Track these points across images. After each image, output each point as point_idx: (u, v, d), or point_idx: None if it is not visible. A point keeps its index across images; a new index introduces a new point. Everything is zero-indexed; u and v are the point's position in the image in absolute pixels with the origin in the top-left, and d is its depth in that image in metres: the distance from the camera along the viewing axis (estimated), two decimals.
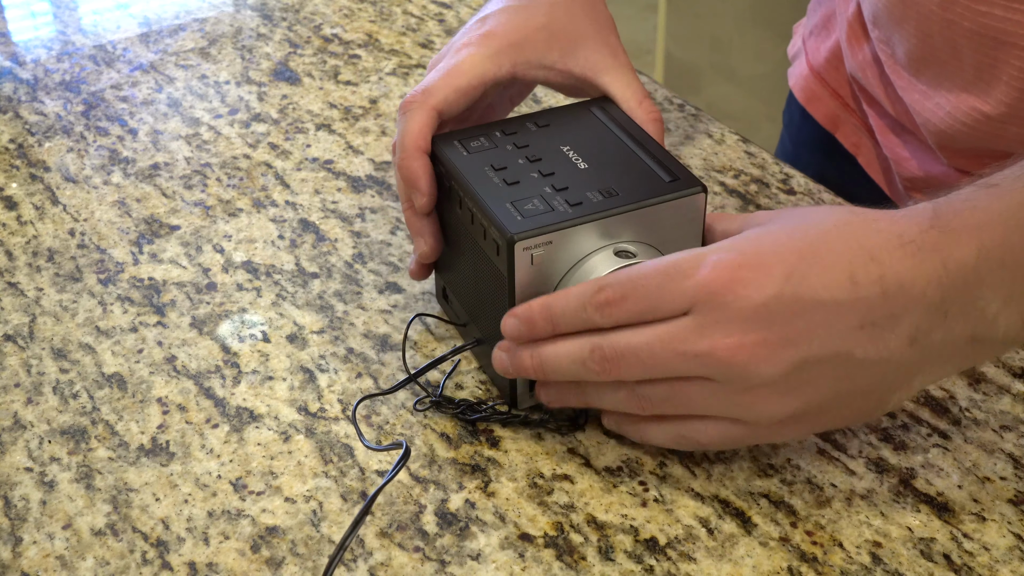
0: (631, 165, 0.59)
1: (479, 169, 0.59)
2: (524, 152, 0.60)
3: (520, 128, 0.62)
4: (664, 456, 0.58)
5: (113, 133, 0.83)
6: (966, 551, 0.54)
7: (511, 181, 0.58)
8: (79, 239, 0.73)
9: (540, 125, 0.63)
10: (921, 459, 0.58)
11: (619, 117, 0.64)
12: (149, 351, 0.64)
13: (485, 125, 0.63)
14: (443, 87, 0.63)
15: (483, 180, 0.58)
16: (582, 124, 0.63)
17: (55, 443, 0.59)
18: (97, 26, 0.97)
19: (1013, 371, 0.63)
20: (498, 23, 0.66)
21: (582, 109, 0.65)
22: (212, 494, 0.56)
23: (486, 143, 0.61)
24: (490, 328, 0.59)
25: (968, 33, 0.69)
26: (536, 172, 0.59)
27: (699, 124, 0.84)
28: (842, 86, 0.90)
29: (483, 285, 0.59)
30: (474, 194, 0.57)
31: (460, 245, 0.61)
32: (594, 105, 0.65)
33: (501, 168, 0.59)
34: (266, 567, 0.53)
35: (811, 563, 0.53)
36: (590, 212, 0.56)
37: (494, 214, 0.56)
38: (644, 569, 0.53)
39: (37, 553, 0.54)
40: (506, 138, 0.61)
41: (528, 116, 0.64)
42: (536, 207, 0.56)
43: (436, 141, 0.61)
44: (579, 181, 0.58)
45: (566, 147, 0.61)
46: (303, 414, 0.61)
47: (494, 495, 0.56)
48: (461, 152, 0.60)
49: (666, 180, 0.58)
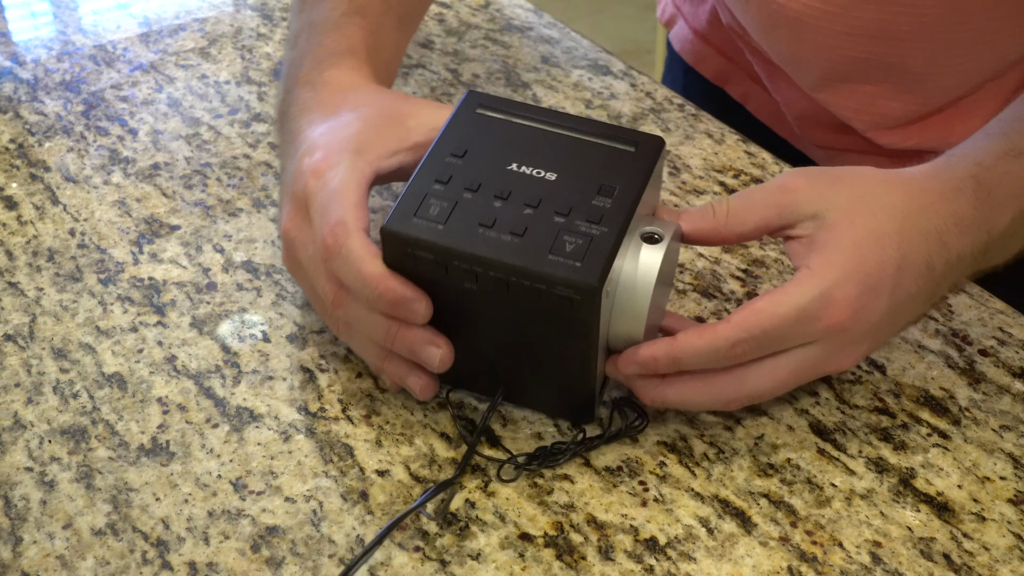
0: (589, 154, 0.57)
1: (473, 232, 0.54)
2: (487, 193, 0.55)
3: (445, 168, 0.56)
4: (664, 456, 0.58)
5: (113, 133, 0.83)
6: (966, 551, 0.54)
7: (518, 232, 0.53)
8: (79, 239, 0.73)
9: (458, 155, 0.57)
10: (921, 459, 0.58)
11: (508, 106, 0.59)
12: (149, 351, 0.64)
13: (411, 185, 0.56)
14: (347, 209, 0.56)
15: (490, 243, 0.53)
16: (495, 133, 0.58)
17: (55, 443, 0.59)
18: (97, 26, 0.97)
19: (1013, 371, 0.63)
20: (328, 141, 0.60)
21: (473, 118, 0.59)
22: (212, 494, 0.56)
23: (442, 203, 0.55)
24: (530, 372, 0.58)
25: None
26: (528, 209, 0.54)
27: (699, 124, 0.84)
28: (725, 42, 0.93)
29: (521, 346, 0.56)
30: (499, 262, 0.53)
31: (467, 324, 0.57)
32: (476, 106, 0.59)
33: (490, 223, 0.54)
34: (266, 567, 0.53)
35: (811, 563, 0.53)
36: (617, 219, 0.54)
37: (547, 272, 0.52)
38: (644, 569, 0.53)
39: (37, 553, 0.54)
40: (449, 186, 0.55)
41: (436, 152, 0.57)
42: (574, 243, 0.53)
43: (391, 236, 0.54)
44: (571, 195, 0.55)
45: (514, 165, 0.56)
46: (303, 414, 0.61)
47: (494, 495, 0.56)
48: (436, 227, 0.54)
49: (632, 150, 0.57)
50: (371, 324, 0.57)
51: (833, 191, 0.57)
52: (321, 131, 0.61)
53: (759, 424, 0.60)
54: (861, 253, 0.55)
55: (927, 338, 0.65)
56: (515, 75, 0.90)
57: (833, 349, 0.55)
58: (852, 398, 0.62)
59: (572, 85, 0.89)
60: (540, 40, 0.95)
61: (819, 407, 0.61)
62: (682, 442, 0.59)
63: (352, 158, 0.58)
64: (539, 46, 0.94)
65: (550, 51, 0.93)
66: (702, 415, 0.60)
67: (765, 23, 0.81)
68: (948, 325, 0.66)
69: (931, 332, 0.66)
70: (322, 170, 0.58)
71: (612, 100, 0.87)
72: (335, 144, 0.59)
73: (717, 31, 0.93)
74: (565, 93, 0.87)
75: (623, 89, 0.88)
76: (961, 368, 0.63)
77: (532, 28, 0.97)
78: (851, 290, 0.54)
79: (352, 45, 0.67)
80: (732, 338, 0.54)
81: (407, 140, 0.60)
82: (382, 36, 0.70)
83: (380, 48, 0.69)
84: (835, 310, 0.54)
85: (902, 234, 0.56)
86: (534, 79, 0.89)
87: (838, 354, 0.56)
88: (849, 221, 0.55)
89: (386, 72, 0.70)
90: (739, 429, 0.60)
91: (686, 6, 0.97)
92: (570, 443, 0.58)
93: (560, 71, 0.90)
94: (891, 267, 0.55)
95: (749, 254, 0.71)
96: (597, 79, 0.89)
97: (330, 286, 0.57)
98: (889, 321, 0.57)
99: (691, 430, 0.60)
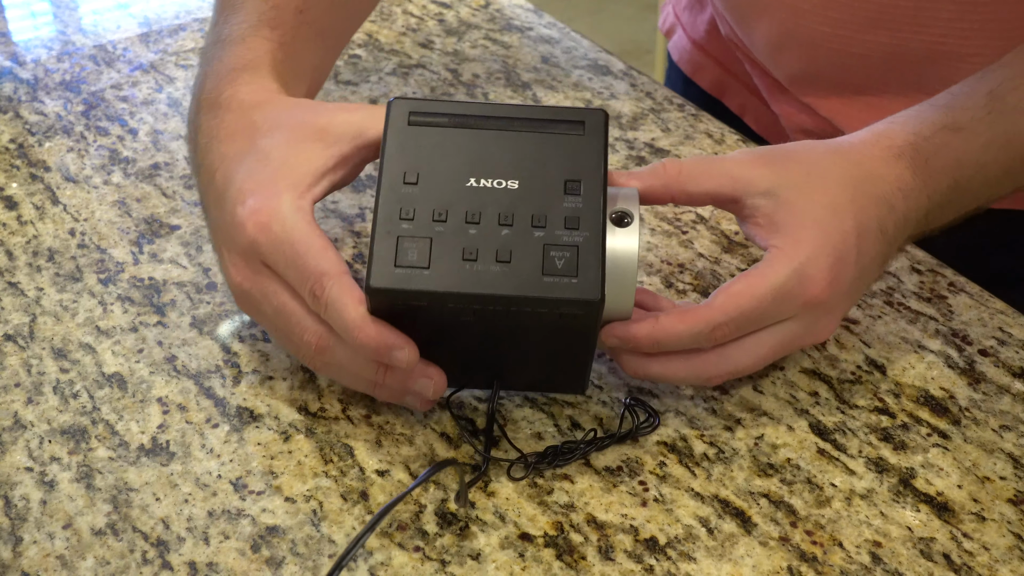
0: (541, 149, 0.55)
1: (459, 269, 0.52)
2: (457, 220, 0.53)
3: (405, 201, 0.54)
4: (664, 456, 0.58)
5: (113, 133, 0.83)
6: (966, 551, 0.54)
7: (504, 258, 0.52)
8: (79, 239, 0.73)
9: (412, 182, 0.54)
10: (921, 459, 0.58)
11: (439, 111, 0.56)
12: (149, 351, 0.64)
13: (379, 229, 0.53)
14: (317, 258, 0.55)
15: (481, 278, 0.52)
16: (440, 148, 0.55)
17: (55, 443, 0.59)
18: (97, 26, 0.97)
19: (1013, 371, 0.63)
20: (256, 184, 0.57)
21: (410, 136, 0.56)
22: (212, 494, 0.56)
23: (417, 244, 0.53)
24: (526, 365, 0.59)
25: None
26: (504, 229, 0.53)
27: (699, 124, 0.84)
28: (723, 53, 0.92)
29: (519, 351, 0.57)
30: (495, 296, 0.52)
31: (462, 342, 0.57)
32: (407, 119, 0.56)
33: (474, 255, 0.52)
34: (266, 567, 0.53)
35: (811, 563, 0.53)
36: (594, 219, 0.53)
37: (546, 297, 0.52)
38: (644, 569, 0.53)
39: (37, 553, 0.54)
40: (416, 222, 0.53)
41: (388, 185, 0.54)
42: (562, 258, 0.52)
43: (378, 293, 0.52)
44: (540, 202, 0.54)
45: (472, 181, 0.54)
46: (303, 414, 0.61)
47: (494, 495, 0.56)
48: (420, 273, 0.52)
49: (580, 133, 0.55)
50: (359, 364, 0.57)
51: (785, 168, 0.58)
52: (242, 173, 0.58)
53: (759, 424, 0.60)
54: (823, 227, 0.57)
55: (927, 338, 0.65)
56: (515, 75, 0.90)
57: (811, 322, 0.58)
58: (852, 398, 0.62)
59: (572, 85, 0.89)
60: (540, 40, 0.95)
61: (819, 407, 0.61)
62: (682, 442, 0.59)
63: (288, 198, 0.56)
64: (539, 46, 0.94)
65: (550, 51, 0.93)
66: (702, 415, 0.60)
67: (773, 44, 0.81)
68: (948, 325, 0.66)
69: (931, 332, 0.66)
70: (264, 222, 0.55)
71: (612, 100, 0.87)
72: (264, 187, 0.57)
73: (715, 42, 0.94)
74: (565, 93, 0.87)
75: (623, 89, 0.88)
76: (961, 368, 0.63)
77: (532, 28, 0.97)
78: (823, 263, 0.56)
79: (254, 58, 0.63)
80: (713, 322, 0.55)
81: (332, 157, 0.58)
82: (295, 48, 0.66)
83: (291, 60, 0.66)
84: (811, 285, 0.56)
85: (855, 203, 0.58)
86: (534, 79, 0.89)
87: (815, 325, 0.58)
88: (805, 197, 0.57)
89: (300, 84, 0.66)
90: (739, 429, 0.60)
91: (685, 15, 0.97)
92: (580, 442, 0.58)
93: (560, 71, 0.90)
94: (852, 236, 0.57)
95: (749, 254, 0.71)
96: (597, 79, 0.89)
97: (314, 337, 0.56)
98: (857, 288, 0.59)
99: (691, 430, 0.60)
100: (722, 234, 0.73)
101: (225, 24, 0.66)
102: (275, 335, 0.61)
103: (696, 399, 0.61)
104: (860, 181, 0.59)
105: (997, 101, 0.62)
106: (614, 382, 0.62)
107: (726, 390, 0.62)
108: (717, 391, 0.62)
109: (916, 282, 0.69)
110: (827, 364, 0.64)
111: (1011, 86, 0.62)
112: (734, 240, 0.72)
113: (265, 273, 0.57)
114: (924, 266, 0.71)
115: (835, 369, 0.63)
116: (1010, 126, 0.62)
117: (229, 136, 0.60)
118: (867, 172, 0.59)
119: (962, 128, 0.61)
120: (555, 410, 0.61)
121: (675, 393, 0.62)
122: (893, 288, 0.69)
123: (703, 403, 0.61)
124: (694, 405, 0.61)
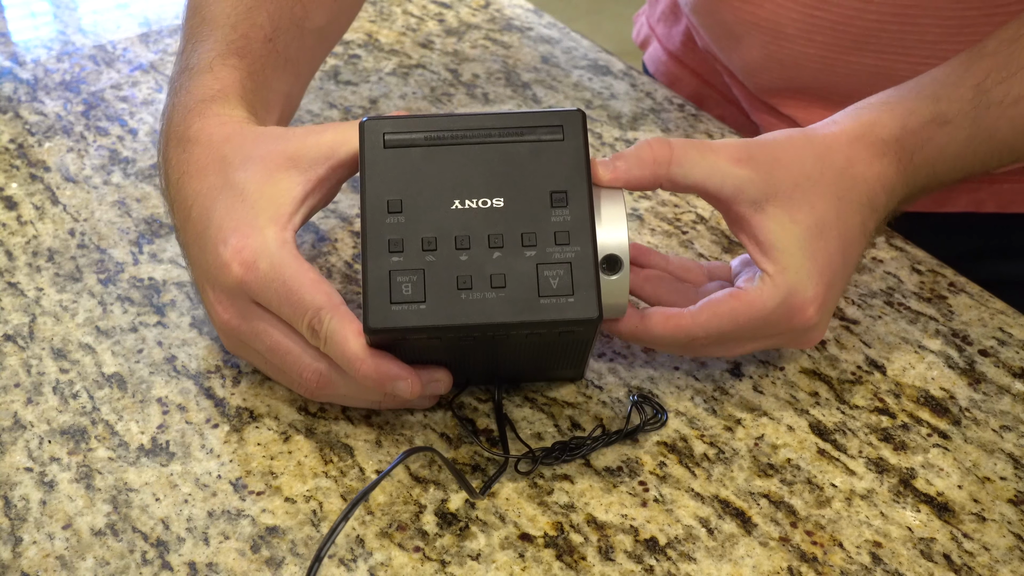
0: (521, 161, 0.54)
1: (456, 300, 0.52)
2: (447, 247, 0.52)
3: (391, 231, 0.53)
4: (664, 456, 0.58)
5: (113, 133, 0.83)
6: (966, 551, 0.54)
7: (499, 284, 0.52)
8: (79, 239, 0.73)
9: (396, 211, 0.53)
10: (921, 459, 0.58)
11: (413, 128, 0.55)
12: (149, 351, 0.64)
13: (370, 265, 0.52)
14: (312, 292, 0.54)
15: (478, 307, 0.52)
16: (419, 170, 0.54)
17: (55, 443, 0.59)
18: (97, 26, 0.97)
19: (1013, 371, 0.63)
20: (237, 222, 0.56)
21: (387, 159, 0.54)
22: (212, 494, 0.56)
23: (410, 278, 0.52)
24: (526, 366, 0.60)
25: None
26: (496, 252, 0.52)
27: (699, 124, 0.84)
28: (700, 64, 0.92)
29: (520, 358, 0.58)
30: (494, 324, 0.52)
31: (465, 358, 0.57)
32: (381, 140, 0.54)
33: (468, 283, 0.52)
34: (266, 567, 0.53)
35: (811, 563, 0.53)
36: (583, 232, 0.53)
37: (545, 319, 0.51)
38: (644, 569, 0.53)
39: (37, 553, 0.54)
40: (406, 254, 0.52)
41: (371, 215, 0.53)
42: (557, 277, 0.52)
43: (378, 333, 0.52)
44: (528, 219, 0.53)
45: (456, 203, 0.53)
46: (303, 414, 0.61)
47: (494, 495, 0.56)
48: (418, 308, 0.52)
49: (559, 137, 0.54)
50: (362, 392, 0.57)
51: (774, 177, 0.58)
52: (220, 211, 0.57)
53: (759, 424, 0.60)
54: (811, 252, 0.57)
55: (927, 338, 0.65)
56: (515, 75, 0.90)
57: (795, 337, 0.60)
58: (852, 398, 0.62)
59: (572, 85, 0.89)
60: (540, 40, 0.95)
61: (819, 407, 0.61)
62: (682, 442, 0.59)
63: (271, 233, 0.55)
64: (539, 46, 0.94)
65: (550, 51, 0.93)
66: (702, 415, 0.60)
67: (754, 65, 0.82)
68: (948, 325, 0.66)
69: (931, 332, 0.66)
70: (250, 260, 0.55)
71: (612, 100, 0.87)
72: (245, 224, 0.56)
73: (692, 54, 0.93)
74: (565, 93, 0.87)
75: (623, 89, 0.88)
76: (961, 368, 0.63)
77: (532, 28, 0.97)
78: (810, 293, 0.57)
79: (222, 88, 0.62)
80: (693, 335, 0.57)
81: (308, 182, 0.57)
82: (264, 76, 0.65)
83: (261, 88, 0.64)
84: (798, 313, 0.57)
85: (840, 218, 0.58)
86: (534, 79, 0.89)
87: (800, 339, 0.60)
88: (790, 218, 0.57)
89: (271, 113, 0.66)
90: (739, 429, 0.60)
91: (660, 27, 0.97)
92: (587, 438, 0.58)
93: (560, 71, 0.90)
94: (838, 256, 0.58)
95: None
96: (597, 79, 0.89)
97: (313, 375, 0.56)
98: (841, 292, 0.61)
99: (691, 430, 0.60)
100: (722, 234, 0.73)
101: (193, 53, 0.65)
102: (269, 372, 0.61)
103: (696, 399, 0.61)
104: (844, 190, 0.59)
105: (983, 95, 0.62)
106: (614, 382, 0.62)
107: (726, 390, 0.62)
108: (717, 391, 0.62)
109: (916, 282, 0.69)
110: (827, 364, 0.64)
111: (997, 79, 0.62)
112: (734, 240, 0.72)
113: (255, 312, 0.56)
114: (924, 266, 0.71)
115: (835, 369, 0.63)
116: (993, 122, 0.62)
117: (200, 171, 0.58)
118: (851, 177, 0.59)
119: (948, 122, 0.62)
120: (555, 410, 0.61)
121: (676, 393, 0.62)
122: (893, 288, 0.69)
123: (703, 403, 0.61)
124: (694, 405, 0.61)
